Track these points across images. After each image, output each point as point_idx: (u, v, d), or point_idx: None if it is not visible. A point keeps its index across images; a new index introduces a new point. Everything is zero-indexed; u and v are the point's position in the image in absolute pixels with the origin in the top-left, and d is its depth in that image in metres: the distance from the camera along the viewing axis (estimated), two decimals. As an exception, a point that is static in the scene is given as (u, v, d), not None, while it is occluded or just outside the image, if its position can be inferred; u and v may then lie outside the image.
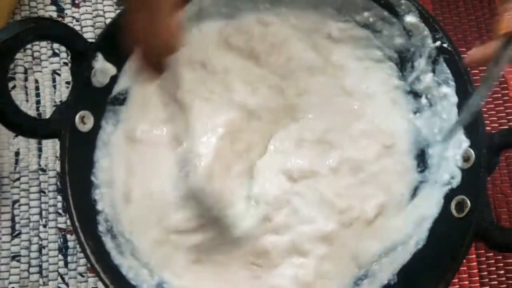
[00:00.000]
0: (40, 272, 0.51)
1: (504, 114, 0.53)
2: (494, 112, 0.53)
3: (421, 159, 0.49)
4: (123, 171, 0.48)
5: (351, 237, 0.48)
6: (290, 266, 0.47)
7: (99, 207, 0.45)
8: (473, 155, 0.43)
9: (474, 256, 0.50)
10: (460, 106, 0.44)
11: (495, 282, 0.49)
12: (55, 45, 0.57)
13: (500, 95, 0.55)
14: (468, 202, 0.42)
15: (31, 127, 0.41)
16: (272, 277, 0.47)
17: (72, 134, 0.43)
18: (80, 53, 0.44)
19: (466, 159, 0.44)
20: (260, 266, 0.47)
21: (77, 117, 0.44)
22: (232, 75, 0.50)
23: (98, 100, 0.47)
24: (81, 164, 0.44)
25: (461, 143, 0.44)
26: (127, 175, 0.48)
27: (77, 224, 0.41)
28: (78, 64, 0.45)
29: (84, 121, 0.45)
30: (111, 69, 0.47)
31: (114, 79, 0.47)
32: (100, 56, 0.45)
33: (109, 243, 0.44)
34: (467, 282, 0.50)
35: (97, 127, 0.46)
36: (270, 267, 0.47)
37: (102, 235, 0.44)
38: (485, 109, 0.54)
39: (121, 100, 0.49)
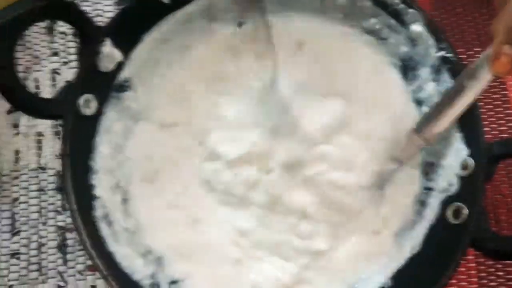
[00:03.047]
0: (39, 270, 0.50)
1: (503, 115, 0.54)
2: (493, 113, 0.54)
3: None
4: (140, 157, 0.49)
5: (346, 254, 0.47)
6: (270, 266, 0.47)
7: (96, 192, 0.44)
8: (472, 164, 0.43)
9: (472, 257, 0.50)
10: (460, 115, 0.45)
11: (494, 284, 0.49)
12: (55, 45, 0.56)
13: (499, 95, 0.55)
14: (465, 209, 0.42)
15: (35, 106, 0.41)
16: (252, 272, 0.46)
17: (75, 117, 0.43)
18: (89, 37, 0.44)
19: (464, 167, 0.44)
20: (241, 247, 0.47)
21: (81, 100, 0.44)
22: None
23: (103, 85, 0.46)
24: (81, 148, 0.44)
25: (460, 151, 0.45)
26: (146, 159, 0.49)
27: (75, 206, 0.41)
28: (85, 48, 0.44)
29: (87, 105, 0.44)
30: (118, 55, 0.46)
31: (119, 66, 0.47)
32: (108, 41, 0.45)
33: (105, 230, 0.43)
34: (465, 283, 0.49)
35: (99, 113, 0.46)
36: (250, 256, 0.47)
37: (97, 220, 0.43)
38: (483, 110, 0.54)
39: (125, 87, 0.48)
